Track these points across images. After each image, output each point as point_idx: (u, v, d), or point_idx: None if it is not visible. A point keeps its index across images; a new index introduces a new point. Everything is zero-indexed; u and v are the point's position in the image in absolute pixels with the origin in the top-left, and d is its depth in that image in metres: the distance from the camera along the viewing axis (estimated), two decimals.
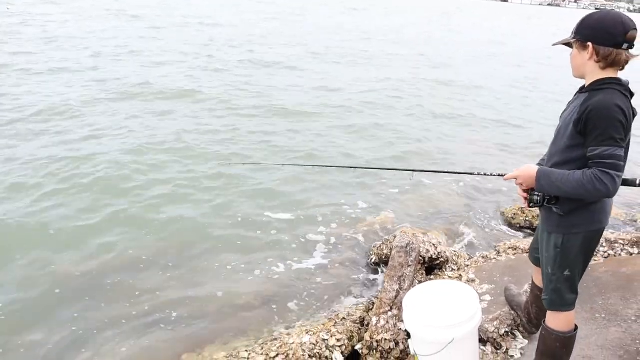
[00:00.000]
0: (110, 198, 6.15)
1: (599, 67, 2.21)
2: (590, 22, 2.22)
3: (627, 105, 2.15)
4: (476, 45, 26.92)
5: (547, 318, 2.69)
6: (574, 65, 2.35)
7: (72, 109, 9.42)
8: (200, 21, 26.18)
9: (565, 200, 2.37)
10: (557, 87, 15.52)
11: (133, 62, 14.36)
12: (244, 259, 5.10)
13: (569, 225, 2.40)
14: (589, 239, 2.45)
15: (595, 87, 2.22)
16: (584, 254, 2.48)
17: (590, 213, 2.36)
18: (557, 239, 2.46)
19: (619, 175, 2.13)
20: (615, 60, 2.17)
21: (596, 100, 2.15)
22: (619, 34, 2.13)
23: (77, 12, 25.14)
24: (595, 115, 2.13)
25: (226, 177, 6.99)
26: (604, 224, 2.44)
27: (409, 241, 4.10)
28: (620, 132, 2.11)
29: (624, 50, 2.16)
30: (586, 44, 2.21)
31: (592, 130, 2.15)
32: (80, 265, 4.79)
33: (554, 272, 2.52)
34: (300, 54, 18.52)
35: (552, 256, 2.51)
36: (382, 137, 9.61)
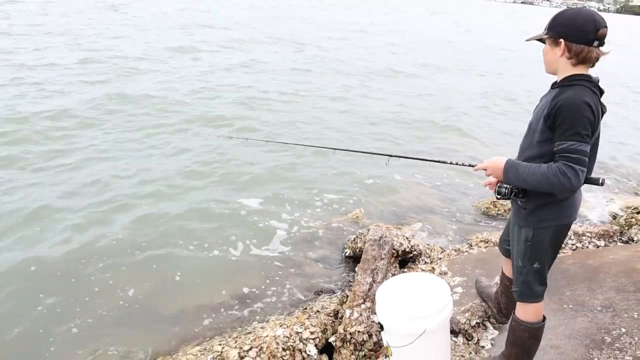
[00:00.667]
0: (79, 191, 6.07)
1: (570, 63, 2.25)
2: (562, 19, 2.25)
3: (595, 102, 2.19)
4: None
5: (517, 309, 2.74)
6: (546, 61, 2.38)
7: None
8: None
9: (534, 195, 2.41)
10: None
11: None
12: (216, 255, 5.07)
13: (539, 219, 2.45)
14: (558, 232, 2.50)
15: (565, 83, 2.26)
16: (553, 247, 2.54)
17: (560, 207, 2.41)
18: (527, 233, 2.51)
19: (582, 170, 2.18)
20: (587, 57, 2.21)
21: (566, 96, 2.19)
22: (591, 32, 2.17)
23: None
24: (564, 110, 2.17)
25: (199, 168, 6.94)
26: (573, 217, 2.49)
27: (382, 234, 4.13)
28: (587, 129, 2.15)
29: (594, 47, 2.20)
30: (558, 41, 2.24)
31: (560, 125, 2.19)
32: (46, 261, 4.71)
33: (524, 264, 2.56)
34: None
35: (522, 249, 2.55)
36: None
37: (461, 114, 11.48)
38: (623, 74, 18.70)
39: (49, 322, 3.99)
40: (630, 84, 17.42)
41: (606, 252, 4.57)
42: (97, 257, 4.84)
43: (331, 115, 10.45)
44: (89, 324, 4.00)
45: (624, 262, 4.22)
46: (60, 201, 5.82)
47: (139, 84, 11.14)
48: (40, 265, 4.64)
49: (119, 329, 3.98)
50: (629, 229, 5.83)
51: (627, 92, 16.11)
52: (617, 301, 3.62)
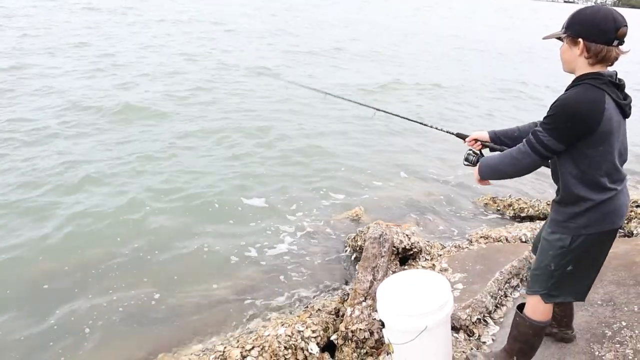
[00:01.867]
0: (76, 194, 6.07)
1: (588, 63, 2.20)
2: (581, 17, 2.19)
3: (598, 99, 2.14)
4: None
5: (527, 306, 2.71)
6: (564, 60, 2.32)
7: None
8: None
9: (572, 201, 2.35)
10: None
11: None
12: (217, 254, 5.08)
13: (578, 226, 2.36)
14: (601, 241, 2.40)
15: (575, 82, 2.23)
16: (593, 256, 2.45)
17: (601, 214, 2.32)
18: (564, 240, 2.41)
19: (530, 155, 2.27)
20: (606, 57, 2.16)
21: (564, 95, 2.20)
22: (611, 31, 2.11)
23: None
24: (555, 106, 2.19)
25: (200, 167, 6.95)
26: (617, 224, 2.37)
27: (382, 232, 4.13)
28: (563, 134, 2.17)
29: (614, 47, 2.15)
30: (577, 40, 2.19)
31: (548, 113, 2.22)
32: (50, 264, 4.72)
33: (557, 268, 2.48)
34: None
35: (556, 254, 2.45)
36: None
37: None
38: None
39: (48, 322, 4.01)
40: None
41: None
42: (98, 257, 4.86)
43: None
44: (90, 324, 4.01)
45: (623, 255, 4.23)
46: (55, 198, 5.85)
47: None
48: (32, 270, 4.65)
49: (120, 329, 3.99)
50: (628, 223, 5.84)
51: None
52: (617, 295, 3.64)
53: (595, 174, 2.26)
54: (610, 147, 2.23)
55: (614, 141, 2.24)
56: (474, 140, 2.81)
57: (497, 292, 3.84)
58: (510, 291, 4.00)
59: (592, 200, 2.29)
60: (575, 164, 2.26)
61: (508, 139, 2.73)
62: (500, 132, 2.78)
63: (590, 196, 2.29)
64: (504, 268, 4.10)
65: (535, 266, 2.60)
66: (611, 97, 2.18)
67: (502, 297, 3.89)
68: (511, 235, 5.14)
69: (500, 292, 3.88)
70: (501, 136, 2.76)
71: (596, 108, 2.14)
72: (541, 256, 2.55)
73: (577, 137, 2.18)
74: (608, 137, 2.20)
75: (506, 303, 3.87)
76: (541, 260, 2.55)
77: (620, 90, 2.24)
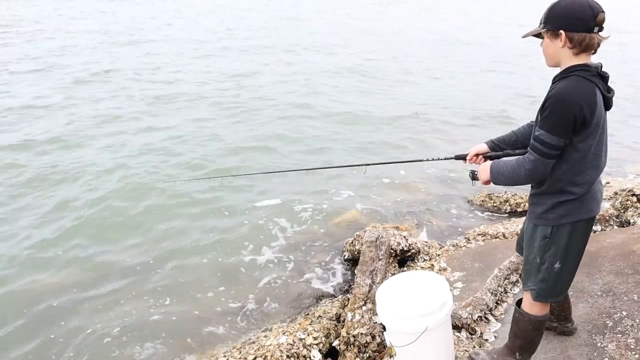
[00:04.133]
0: (74, 211, 6.06)
1: (572, 53, 2.21)
2: (559, 10, 2.21)
3: (589, 91, 2.16)
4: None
5: (524, 302, 2.72)
6: (547, 55, 2.33)
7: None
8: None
9: (550, 193, 2.39)
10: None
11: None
12: (215, 266, 5.08)
13: (558, 216, 2.40)
14: (580, 228, 2.43)
15: (563, 75, 2.24)
16: (576, 245, 2.47)
17: (579, 202, 2.35)
18: (545, 231, 2.45)
19: (541, 160, 2.24)
20: (589, 44, 2.18)
21: (557, 88, 2.19)
22: (590, 18, 2.13)
23: None
24: (551, 103, 2.18)
25: (190, 187, 6.93)
26: (595, 211, 2.42)
27: (379, 235, 4.13)
28: (563, 124, 2.16)
29: (595, 34, 2.17)
30: (558, 32, 2.20)
31: (544, 115, 2.22)
32: (50, 280, 4.76)
33: (543, 261, 2.51)
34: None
35: (541, 246, 2.49)
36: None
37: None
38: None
39: (51, 332, 4.07)
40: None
41: (603, 237, 4.58)
42: (97, 268, 4.94)
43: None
44: (89, 334, 4.06)
45: (620, 245, 4.24)
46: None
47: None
48: (31, 286, 4.69)
49: (120, 340, 4.01)
50: (624, 212, 5.85)
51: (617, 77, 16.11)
52: (616, 285, 3.64)
53: (583, 168, 2.28)
54: (599, 139, 2.26)
55: (603, 133, 2.28)
56: (475, 155, 2.81)
57: (496, 289, 3.84)
58: (509, 287, 4.00)
59: (574, 193, 2.33)
60: (565, 157, 2.27)
61: (506, 145, 2.74)
62: (498, 140, 2.78)
63: (573, 189, 2.32)
64: (503, 264, 4.10)
65: (525, 261, 2.64)
66: (599, 89, 2.21)
67: (502, 294, 3.89)
68: (508, 231, 5.14)
69: (499, 289, 3.88)
70: (500, 143, 2.76)
71: (590, 100, 2.16)
72: (527, 250, 2.60)
73: (575, 130, 2.19)
74: (598, 129, 2.23)
75: (506, 299, 3.87)
76: (528, 254, 2.59)
77: (605, 82, 2.26)
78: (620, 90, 12.04)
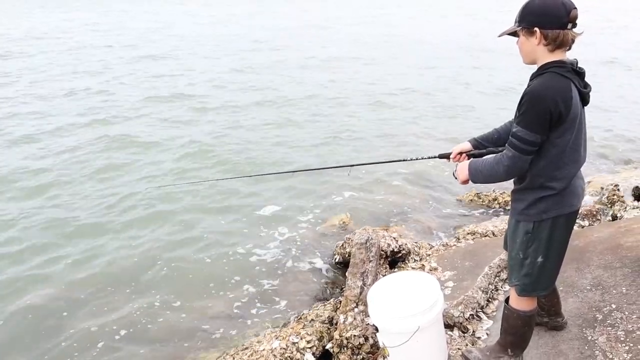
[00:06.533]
0: (65, 221, 6.03)
1: (548, 50, 2.25)
2: (532, 8, 2.24)
3: (565, 87, 2.20)
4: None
5: (511, 298, 2.74)
6: (523, 53, 2.36)
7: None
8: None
9: (530, 188, 2.42)
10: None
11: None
12: (204, 271, 5.08)
13: (539, 211, 2.42)
14: (562, 223, 2.45)
15: (539, 72, 2.28)
16: (558, 239, 2.49)
17: (560, 197, 2.38)
18: (527, 226, 2.47)
19: (519, 157, 2.27)
20: (563, 41, 2.21)
21: (533, 85, 2.23)
22: (563, 15, 2.17)
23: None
24: (527, 100, 2.21)
25: (179, 194, 6.90)
26: (576, 206, 2.45)
27: (368, 237, 4.14)
28: (540, 120, 2.19)
29: (569, 30, 2.21)
30: (533, 30, 2.24)
31: (520, 111, 2.25)
32: (42, 289, 4.77)
33: (526, 256, 2.52)
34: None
35: (523, 241, 2.51)
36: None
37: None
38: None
39: (42, 342, 4.09)
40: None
41: (591, 232, 4.63)
42: (90, 275, 4.97)
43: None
44: (82, 349, 4.02)
45: (608, 239, 4.28)
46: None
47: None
48: (23, 292, 4.71)
49: (114, 346, 4.01)
50: (611, 207, 5.92)
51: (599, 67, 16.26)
52: (605, 278, 3.67)
53: (561, 163, 2.31)
54: (577, 134, 2.29)
55: (580, 129, 2.31)
56: (459, 154, 2.83)
57: (487, 287, 3.86)
58: (500, 284, 4.01)
59: (554, 189, 2.36)
60: (543, 153, 2.29)
61: (489, 143, 2.77)
62: (481, 138, 2.81)
63: (553, 185, 2.35)
64: (493, 262, 4.12)
65: (508, 257, 2.66)
66: (575, 85, 2.24)
67: (493, 291, 3.91)
68: (497, 229, 5.17)
69: (490, 287, 3.90)
70: (483, 141, 2.79)
71: (566, 95, 2.19)
72: (510, 246, 2.62)
73: (551, 125, 2.21)
74: (575, 124, 2.26)
75: (497, 297, 3.88)
76: (511, 250, 2.61)
77: (581, 78, 2.30)
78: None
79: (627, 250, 3.96)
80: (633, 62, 17.05)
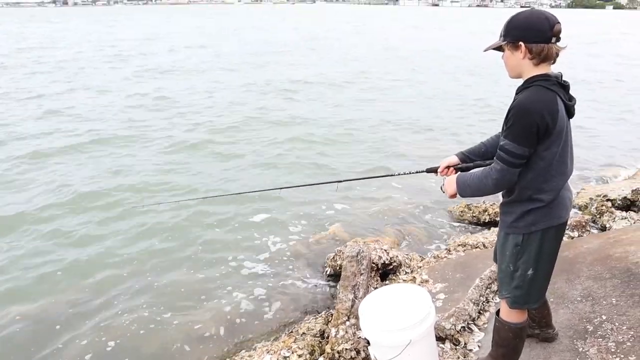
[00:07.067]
0: (54, 241, 5.97)
1: (533, 64, 2.28)
2: (517, 22, 2.29)
3: (550, 100, 2.22)
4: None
5: (502, 310, 2.74)
6: (509, 67, 2.39)
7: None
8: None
9: (519, 201, 2.43)
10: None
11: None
12: (197, 285, 5.03)
13: (528, 224, 2.43)
14: (551, 235, 2.46)
15: (525, 85, 2.31)
16: (548, 251, 2.49)
17: (548, 209, 2.40)
18: (516, 239, 2.48)
19: (508, 170, 2.29)
20: (548, 54, 2.25)
21: (519, 99, 2.26)
22: (547, 30, 2.21)
23: None
24: (514, 113, 2.24)
25: (173, 211, 6.87)
26: (564, 218, 2.46)
27: (359, 250, 4.13)
28: (526, 133, 2.21)
29: (553, 44, 2.25)
30: (518, 44, 2.27)
31: (507, 125, 2.27)
32: (31, 303, 4.74)
33: (516, 268, 2.53)
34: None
35: (513, 254, 2.51)
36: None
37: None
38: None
39: (32, 354, 4.06)
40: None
41: (580, 243, 4.65)
42: (79, 288, 4.93)
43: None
44: (71, 352, 4.03)
45: (597, 250, 4.30)
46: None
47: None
48: (17, 307, 4.64)
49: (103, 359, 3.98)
50: (600, 217, 5.96)
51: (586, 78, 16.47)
52: (595, 289, 3.69)
53: (549, 175, 2.33)
54: (563, 147, 2.31)
55: (567, 141, 2.33)
56: (446, 168, 2.84)
57: (478, 299, 3.86)
58: (491, 296, 4.02)
59: (542, 201, 2.37)
60: (531, 166, 2.31)
61: (477, 156, 2.79)
62: (468, 152, 2.83)
63: (541, 197, 2.36)
64: (484, 274, 4.13)
65: (498, 270, 2.67)
66: (560, 98, 2.27)
67: (484, 303, 3.91)
68: (488, 240, 5.19)
69: (481, 299, 3.90)
70: (470, 155, 2.81)
71: (552, 108, 2.21)
72: (500, 259, 2.62)
73: (538, 138, 2.23)
74: (562, 137, 2.28)
75: (489, 309, 3.88)
76: (501, 263, 2.62)
77: (566, 91, 2.33)
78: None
79: (616, 261, 3.98)
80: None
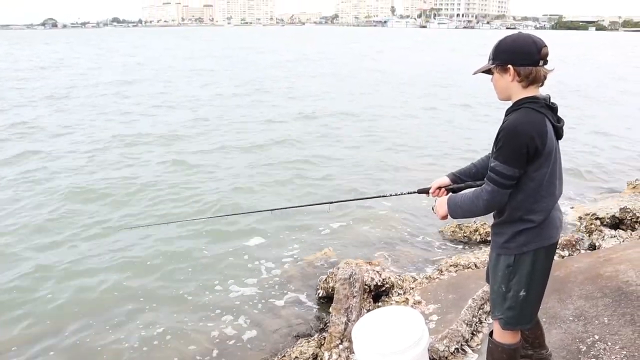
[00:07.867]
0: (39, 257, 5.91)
1: (521, 86, 2.32)
2: (505, 46, 2.33)
3: (539, 121, 2.26)
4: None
5: (495, 331, 2.74)
6: (498, 89, 2.43)
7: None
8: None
9: (509, 222, 2.45)
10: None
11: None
12: (187, 307, 5.01)
13: (519, 244, 2.44)
14: (542, 255, 2.47)
15: (514, 107, 2.35)
16: (540, 272, 2.50)
17: (539, 229, 2.41)
18: (508, 259, 2.49)
19: (498, 191, 2.31)
20: (536, 77, 2.29)
21: (508, 120, 2.29)
22: (534, 53, 2.26)
23: None
24: (504, 135, 2.27)
25: (163, 233, 6.84)
26: (555, 238, 2.48)
27: (352, 272, 4.13)
28: (516, 154, 2.24)
29: (541, 67, 2.29)
30: (506, 67, 2.32)
31: (498, 145, 2.30)
32: (24, 325, 4.72)
33: (508, 289, 2.52)
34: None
35: (505, 274, 2.51)
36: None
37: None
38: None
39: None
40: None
41: (571, 262, 4.68)
42: (71, 310, 4.93)
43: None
44: None
45: (588, 269, 4.33)
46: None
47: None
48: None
49: None
50: (590, 236, 6.01)
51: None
52: (587, 309, 3.70)
53: (539, 196, 2.35)
54: (553, 167, 2.34)
55: (556, 162, 2.36)
56: (438, 188, 2.87)
57: (471, 320, 3.85)
58: (484, 317, 4.01)
59: (533, 221, 2.39)
60: (521, 187, 2.34)
61: (468, 177, 2.82)
62: (459, 172, 2.85)
63: (532, 217, 2.38)
64: (476, 294, 4.13)
65: (491, 291, 2.67)
66: (549, 120, 2.31)
67: (477, 324, 3.90)
68: (480, 260, 5.20)
69: (474, 319, 3.90)
70: (461, 176, 2.84)
71: (541, 130, 2.25)
72: (492, 280, 2.63)
73: (528, 159, 2.26)
74: (551, 158, 2.31)
75: (482, 329, 3.87)
76: (493, 284, 2.62)
77: (554, 113, 2.37)
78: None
79: (607, 280, 4.01)
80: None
